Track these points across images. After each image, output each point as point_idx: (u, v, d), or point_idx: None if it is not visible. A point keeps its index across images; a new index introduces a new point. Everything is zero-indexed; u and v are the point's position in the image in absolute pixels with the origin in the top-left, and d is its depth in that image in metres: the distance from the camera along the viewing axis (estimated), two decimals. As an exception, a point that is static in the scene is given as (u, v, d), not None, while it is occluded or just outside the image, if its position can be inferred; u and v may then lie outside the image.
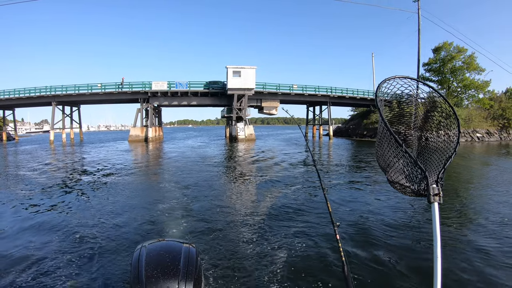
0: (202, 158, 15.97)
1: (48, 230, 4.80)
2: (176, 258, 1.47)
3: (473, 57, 32.37)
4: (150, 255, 1.48)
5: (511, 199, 6.68)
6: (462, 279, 3.18)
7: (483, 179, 9.88)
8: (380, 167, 1.24)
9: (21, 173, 11.15)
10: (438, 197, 0.97)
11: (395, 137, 1.01)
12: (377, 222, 5.10)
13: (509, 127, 33.25)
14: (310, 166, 12.77)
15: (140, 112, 30.89)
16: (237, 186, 8.60)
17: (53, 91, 30.80)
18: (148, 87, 30.10)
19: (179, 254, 1.51)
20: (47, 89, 30.94)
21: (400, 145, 1.01)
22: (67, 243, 4.21)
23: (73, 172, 11.64)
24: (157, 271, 1.37)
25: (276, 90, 32.23)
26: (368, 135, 34.04)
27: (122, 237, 4.40)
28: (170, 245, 1.67)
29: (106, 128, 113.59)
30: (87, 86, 30.55)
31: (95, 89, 30.38)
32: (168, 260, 1.46)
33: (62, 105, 33.42)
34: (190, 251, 1.57)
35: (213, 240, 4.25)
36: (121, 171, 11.36)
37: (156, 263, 1.42)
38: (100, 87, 30.23)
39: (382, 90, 1.18)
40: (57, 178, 10.14)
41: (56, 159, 16.47)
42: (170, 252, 1.53)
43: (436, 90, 1.17)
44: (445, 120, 1.13)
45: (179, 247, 1.59)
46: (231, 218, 5.34)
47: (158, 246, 1.62)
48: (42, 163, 14.31)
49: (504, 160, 15.19)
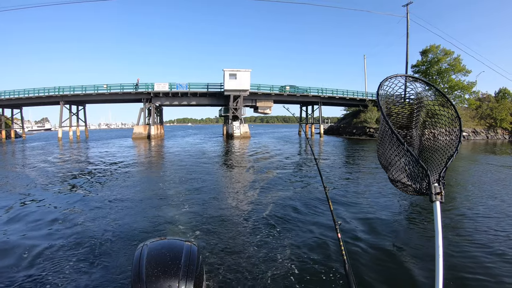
0: (201, 153, 18.13)
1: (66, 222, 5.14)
2: (177, 257, 1.49)
3: (458, 59, 33.85)
4: (151, 254, 1.50)
5: (498, 194, 7.11)
6: (462, 277, 3.23)
7: (471, 176, 10.07)
8: (382, 166, 1.24)
9: (43, 166, 12.74)
10: (440, 196, 0.97)
11: (396, 135, 1.01)
12: (378, 220, 5.14)
13: (496, 127, 34.47)
14: (299, 160, 14.68)
15: (143, 111, 33.03)
16: (233, 180, 9.47)
17: (61, 91, 32.82)
18: (150, 88, 32.21)
19: (180, 253, 1.52)
20: (56, 89, 32.95)
21: (402, 143, 1.01)
22: (73, 238, 4.40)
23: (89, 164, 13.50)
24: (158, 270, 1.38)
25: (270, 91, 34.33)
26: (357, 133, 36.11)
27: (127, 232, 4.63)
28: (171, 244, 1.68)
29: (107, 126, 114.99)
30: (94, 86, 32.60)
31: (101, 90, 32.45)
32: (169, 258, 1.48)
33: (69, 104, 35.43)
34: (192, 249, 1.58)
35: (214, 238, 4.29)
36: (132, 164, 13.37)
37: (157, 262, 1.44)
38: (106, 88, 32.32)
39: (384, 89, 1.17)
40: (77, 169, 11.88)
41: (71, 154, 18.58)
42: (171, 251, 1.55)
43: (438, 89, 1.18)
44: (446, 119, 1.13)
45: (181, 245, 1.61)
46: (232, 216, 5.40)
47: (159, 244, 1.63)
48: (58, 158, 16.46)
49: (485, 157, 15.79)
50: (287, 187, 7.98)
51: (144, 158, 15.82)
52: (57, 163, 13.76)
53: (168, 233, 4.66)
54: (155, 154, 18.10)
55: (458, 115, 1.09)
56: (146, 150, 21.29)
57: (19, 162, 14.23)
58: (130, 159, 14.99)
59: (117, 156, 16.19)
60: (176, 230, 4.75)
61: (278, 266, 3.43)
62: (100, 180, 9.15)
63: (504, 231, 4.59)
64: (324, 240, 4.16)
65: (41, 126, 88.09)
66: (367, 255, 3.75)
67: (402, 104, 1.27)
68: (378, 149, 1.24)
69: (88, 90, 32.61)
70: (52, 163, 13.69)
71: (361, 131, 35.48)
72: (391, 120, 1.22)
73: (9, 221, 5.32)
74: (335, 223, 1.39)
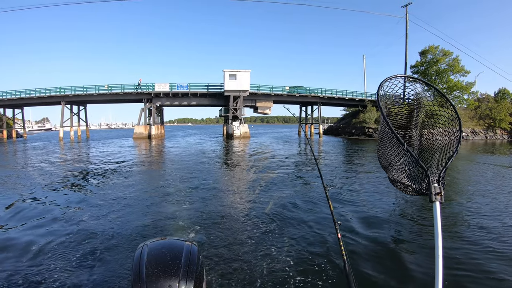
0: (201, 152, 18.41)
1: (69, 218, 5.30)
2: (178, 257, 1.50)
3: (457, 60, 33.99)
4: (152, 253, 1.51)
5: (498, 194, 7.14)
6: (463, 276, 3.27)
7: (467, 175, 10.20)
8: (382, 166, 1.24)
9: (45, 165, 13.07)
10: (440, 196, 0.97)
11: (396, 136, 1.02)
12: (378, 220, 5.19)
13: (495, 127, 34.59)
14: (299, 160, 14.95)
15: (144, 111, 33.31)
16: (233, 179, 9.66)
17: (62, 91, 33.11)
18: (151, 89, 32.51)
19: (180, 253, 1.53)
20: (57, 90, 33.22)
21: (402, 144, 1.02)
22: (76, 235, 4.49)
23: (91, 163, 13.78)
24: (158, 270, 1.39)
25: (269, 91, 34.61)
26: (356, 133, 36.38)
27: (129, 229, 4.71)
28: (171, 244, 1.69)
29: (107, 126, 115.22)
30: (95, 87, 32.89)
31: (102, 90, 32.73)
32: (169, 258, 1.49)
33: (71, 104, 35.67)
34: (192, 249, 1.59)
35: (213, 238, 4.32)
36: (134, 163, 13.66)
37: (157, 261, 1.45)
38: (107, 88, 32.60)
39: (384, 89, 1.18)
40: (80, 168, 12.15)
41: (73, 154, 18.85)
42: (171, 251, 1.56)
43: (438, 89, 1.18)
44: (446, 120, 1.14)
45: (181, 245, 1.62)
46: (231, 215, 5.44)
47: (159, 244, 1.64)
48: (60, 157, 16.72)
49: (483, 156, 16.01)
50: (286, 186, 8.06)
51: (145, 158, 16.09)
52: (60, 162, 14.03)
53: (169, 229, 4.71)
54: (156, 154, 18.36)
55: (458, 116, 1.10)
56: (147, 149, 21.56)
57: (21, 162, 14.48)
58: (132, 158, 15.27)
59: (119, 156, 16.47)
60: (176, 227, 4.79)
61: (278, 266, 3.45)
62: (102, 179, 9.37)
63: (496, 229, 4.65)
64: (325, 240, 4.20)
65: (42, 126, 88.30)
66: (367, 255, 3.77)
67: (402, 105, 1.29)
68: (378, 149, 1.24)
69: (89, 91, 32.90)
70: (55, 162, 13.95)
71: (360, 131, 35.75)
72: (391, 121, 1.23)
73: (11, 218, 5.43)
74: (335, 223, 1.40)
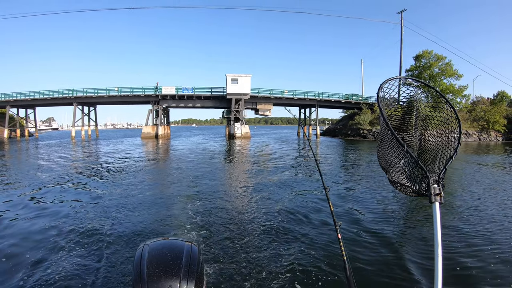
0: (205, 151, 20.31)
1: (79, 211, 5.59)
2: (178, 257, 1.50)
3: (449, 64, 35.48)
4: (152, 254, 1.51)
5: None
6: (463, 275, 3.29)
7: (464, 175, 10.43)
8: (381, 167, 1.24)
9: (62, 161, 14.43)
10: (439, 197, 0.98)
11: (396, 137, 1.02)
12: (378, 220, 5.18)
13: (489, 129, 35.64)
14: (298, 160, 15.95)
15: (151, 112, 35.47)
16: (234, 177, 10.20)
17: (74, 93, 35.36)
18: (158, 91, 34.67)
19: (181, 253, 1.53)
20: (70, 91, 35.46)
21: (402, 145, 1.02)
22: (77, 234, 4.52)
23: (106, 161, 15.10)
24: (159, 270, 1.39)
25: (269, 94, 36.68)
26: (351, 134, 38.13)
27: (133, 227, 4.82)
28: (172, 244, 1.69)
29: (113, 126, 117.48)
30: (105, 89, 35.12)
31: (112, 92, 34.93)
32: (170, 258, 1.49)
33: (82, 105, 37.87)
34: (192, 249, 1.59)
35: (214, 238, 4.34)
36: (145, 160, 15.22)
37: (158, 262, 1.45)
38: (117, 90, 34.77)
39: (384, 91, 1.18)
40: (96, 163, 13.85)
41: (89, 151, 20.81)
42: (172, 251, 1.56)
43: (437, 91, 1.18)
44: (445, 121, 1.14)
45: (181, 245, 1.62)
46: (231, 215, 5.49)
47: (160, 244, 1.64)
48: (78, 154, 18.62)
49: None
50: (286, 186, 8.30)
51: (154, 155, 17.98)
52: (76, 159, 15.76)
53: (172, 226, 4.86)
54: (163, 152, 20.17)
55: (457, 117, 1.11)
56: (155, 148, 23.43)
57: (51, 157, 16.24)
58: (143, 156, 17.14)
59: (131, 153, 18.40)
60: (178, 224, 4.97)
61: (277, 266, 3.46)
62: (115, 175, 10.03)
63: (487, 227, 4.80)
64: (325, 241, 4.23)
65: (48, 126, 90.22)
66: (368, 255, 3.79)
67: (402, 106, 1.30)
68: (378, 150, 1.24)
69: (100, 92, 35.13)
70: (72, 159, 15.45)
71: (355, 133, 37.51)
72: (391, 122, 1.24)
73: (21, 213, 5.65)
74: (335, 224, 1.40)
